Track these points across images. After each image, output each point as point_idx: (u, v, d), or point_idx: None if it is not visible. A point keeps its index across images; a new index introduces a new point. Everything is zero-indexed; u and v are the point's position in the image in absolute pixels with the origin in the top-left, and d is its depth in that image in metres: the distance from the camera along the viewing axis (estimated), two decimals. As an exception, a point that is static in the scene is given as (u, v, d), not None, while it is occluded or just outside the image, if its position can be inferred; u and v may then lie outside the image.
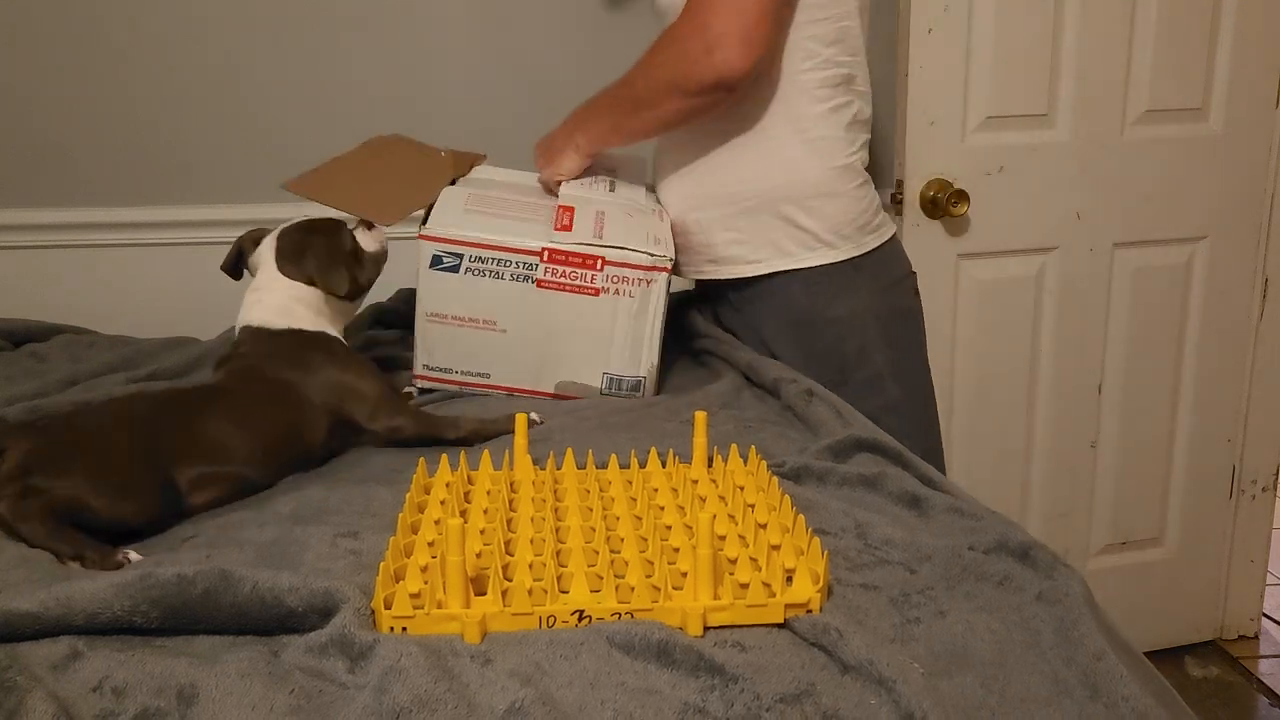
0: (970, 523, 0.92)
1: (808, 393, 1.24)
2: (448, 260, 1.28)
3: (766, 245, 1.39)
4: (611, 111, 1.39)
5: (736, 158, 1.38)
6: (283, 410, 1.10)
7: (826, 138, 1.37)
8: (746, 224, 1.39)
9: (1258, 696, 2.19)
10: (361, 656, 0.71)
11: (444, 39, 1.85)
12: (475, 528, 0.90)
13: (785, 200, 1.37)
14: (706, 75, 1.24)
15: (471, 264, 1.28)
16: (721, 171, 1.39)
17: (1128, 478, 2.18)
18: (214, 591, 0.75)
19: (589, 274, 1.29)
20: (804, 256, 1.38)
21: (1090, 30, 1.90)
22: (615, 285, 1.30)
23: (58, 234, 1.83)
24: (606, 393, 1.33)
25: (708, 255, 1.43)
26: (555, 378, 1.33)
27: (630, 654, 0.73)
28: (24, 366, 1.51)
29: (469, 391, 1.34)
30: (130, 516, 0.93)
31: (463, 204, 1.36)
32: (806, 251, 1.38)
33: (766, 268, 1.40)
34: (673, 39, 1.28)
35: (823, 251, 1.38)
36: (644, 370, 1.33)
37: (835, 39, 1.34)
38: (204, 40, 1.79)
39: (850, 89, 1.38)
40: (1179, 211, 2.06)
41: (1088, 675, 0.71)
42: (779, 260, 1.39)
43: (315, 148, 1.84)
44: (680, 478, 1.00)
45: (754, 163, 1.37)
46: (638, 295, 1.30)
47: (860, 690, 0.69)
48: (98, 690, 0.69)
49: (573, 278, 1.29)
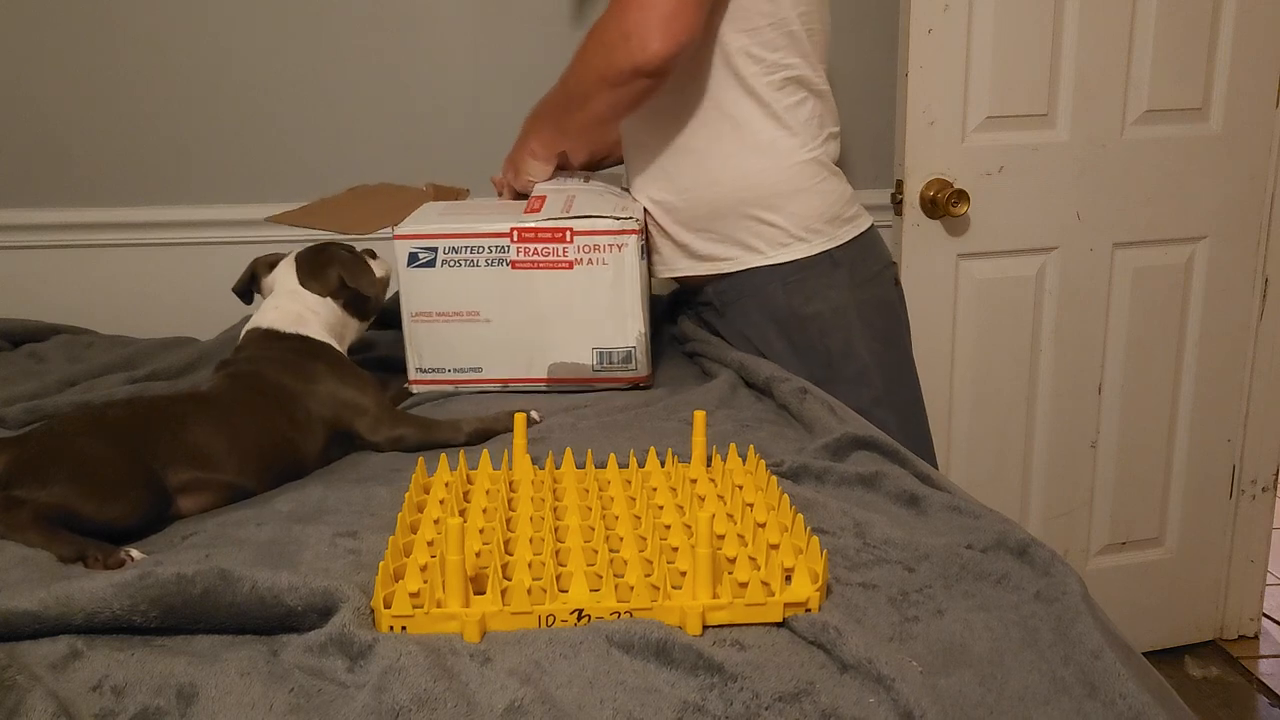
0: (968, 521, 0.92)
1: (801, 390, 1.25)
2: (423, 256, 1.30)
3: (737, 244, 1.40)
4: (553, 113, 1.40)
5: (695, 164, 1.39)
6: (279, 420, 1.09)
7: (780, 138, 1.37)
8: (716, 224, 1.40)
9: (1258, 696, 2.19)
10: (361, 656, 0.71)
11: (444, 39, 1.86)
12: (474, 527, 0.90)
13: (746, 202, 1.38)
14: (625, 63, 1.24)
15: (446, 255, 1.30)
16: (681, 177, 1.40)
17: (1128, 478, 2.18)
18: (213, 591, 0.75)
19: (560, 247, 1.30)
20: (776, 253, 1.39)
21: (1090, 30, 1.90)
22: (587, 255, 1.31)
23: (58, 234, 1.83)
24: (599, 369, 1.34)
25: (684, 253, 1.44)
26: (546, 361, 1.34)
27: (629, 653, 0.73)
28: (23, 367, 1.51)
29: (465, 389, 1.34)
30: (119, 519, 0.92)
31: (438, 211, 1.39)
32: (778, 248, 1.39)
33: (740, 264, 1.41)
34: (595, 31, 1.29)
35: (795, 246, 1.39)
36: (632, 339, 1.33)
37: (779, 45, 1.34)
38: (204, 40, 1.80)
39: (803, 87, 1.38)
40: (1179, 211, 2.05)
41: (1085, 673, 0.71)
42: (751, 257, 1.40)
43: (315, 148, 1.85)
44: (679, 477, 1.01)
45: (710, 168, 1.38)
46: (611, 262, 1.31)
47: (859, 689, 0.69)
48: (97, 689, 0.69)
49: (545, 254, 1.30)
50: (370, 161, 1.82)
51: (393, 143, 1.86)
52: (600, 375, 1.34)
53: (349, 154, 1.84)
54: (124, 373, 1.42)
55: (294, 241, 1.79)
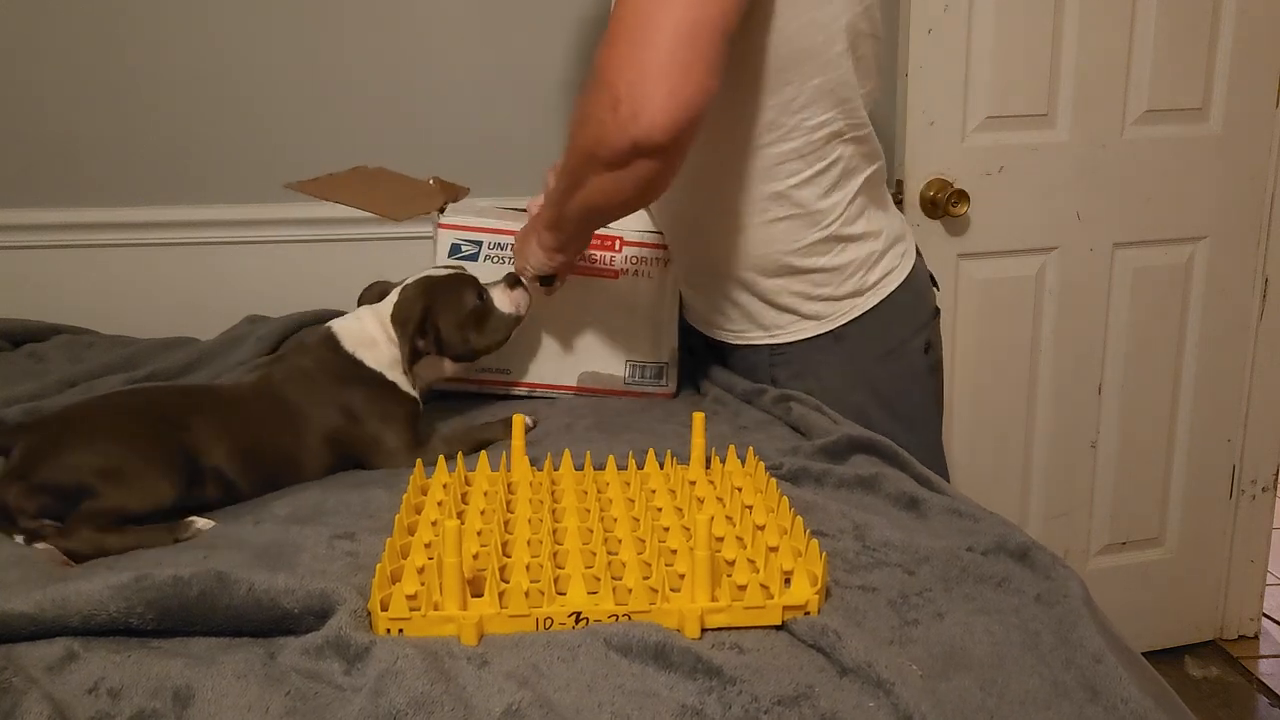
0: (968, 524, 0.92)
1: (783, 399, 1.23)
2: (466, 249, 1.28)
3: (744, 319, 1.29)
4: (552, 201, 1.16)
5: (703, 237, 1.26)
6: (284, 437, 1.07)
7: (797, 214, 1.20)
8: (722, 298, 1.29)
9: (1258, 696, 2.18)
10: (358, 658, 0.71)
11: (444, 39, 1.85)
12: (472, 529, 0.90)
13: (754, 280, 1.25)
14: (619, 139, 0.97)
15: (491, 251, 1.28)
16: (694, 249, 1.29)
17: (1128, 478, 2.18)
18: (210, 593, 0.74)
19: (608, 255, 1.29)
20: (780, 332, 1.27)
21: (1090, 30, 1.90)
22: (635, 266, 1.30)
23: (58, 234, 1.82)
24: (630, 382, 1.32)
25: (696, 315, 1.37)
26: (577, 369, 1.32)
27: (628, 656, 0.72)
28: (23, 367, 1.50)
29: (488, 390, 1.32)
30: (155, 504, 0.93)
31: (479, 207, 1.37)
32: (781, 328, 1.27)
33: (746, 340, 1.31)
34: (581, 103, 1.04)
35: (801, 325, 1.26)
36: (666, 355, 1.32)
37: (808, 102, 1.14)
38: (205, 40, 1.79)
39: (839, 141, 1.19)
40: (1179, 211, 2.05)
41: (1087, 677, 0.71)
42: (757, 334, 1.29)
43: (315, 148, 1.84)
44: (678, 479, 1.00)
45: (719, 244, 1.24)
46: (656, 276, 1.30)
47: (858, 692, 0.69)
48: (93, 692, 0.68)
49: (592, 260, 1.29)
50: (370, 161, 1.81)
51: (393, 143, 1.86)
52: (630, 389, 1.32)
53: (349, 154, 1.82)
54: (124, 373, 1.42)
55: (295, 241, 1.80)
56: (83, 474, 0.92)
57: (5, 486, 0.92)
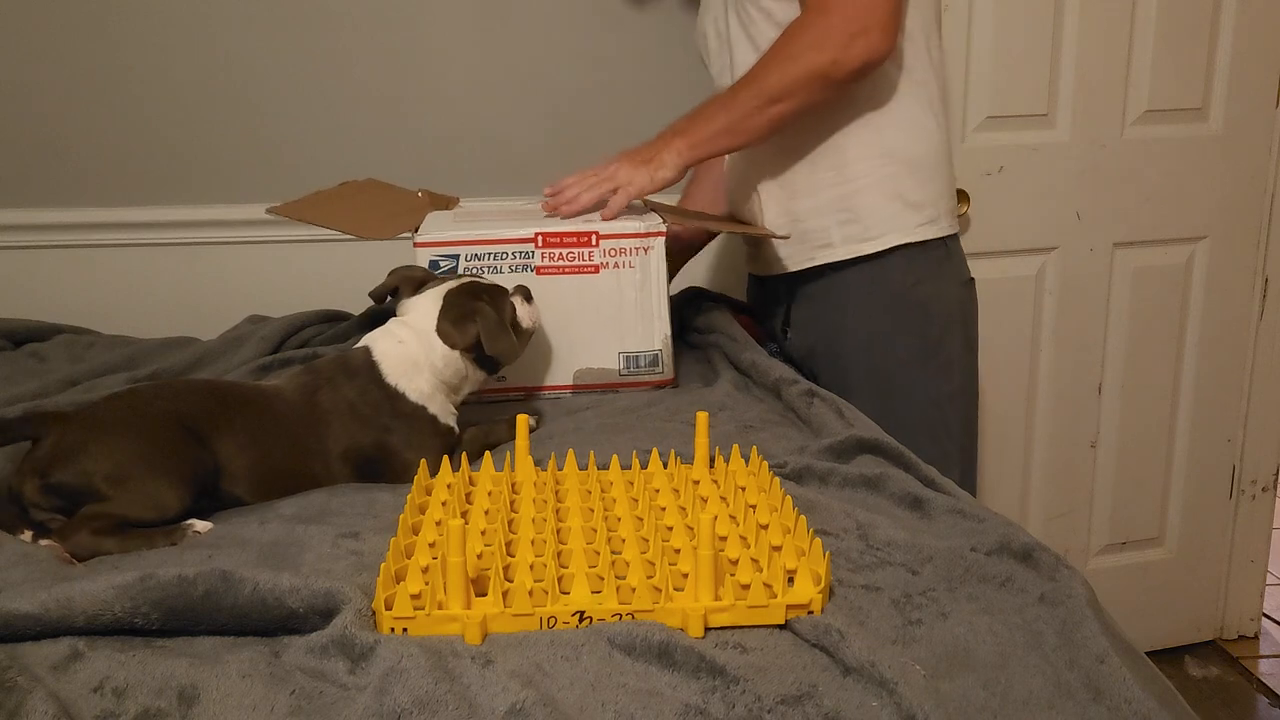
0: (972, 524, 0.91)
1: (809, 394, 1.24)
2: (444, 264, 1.29)
3: (880, 222, 1.39)
4: (728, 113, 1.33)
5: (857, 135, 1.38)
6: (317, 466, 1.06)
7: (939, 112, 1.42)
8: (859, 202, 1.39)
9: (1258, 696, 2.19)
10: (362, 657, 0.71)
11: (444, 39, 1.85)
12: (476, 529, 0.90)
13: (900, 175, 1.39)
14: (854, 61, 1.27)
15: (469, 263, 1.29)
16: (835, 154, 1.39)
17: (1128, 478, 2.18)
18: (215, 592, 0.75)
19: (586, 251, 1.29)
20: (914, 231, 1.40)
21: (1090, 30, 1.90)
22: (614, 258, 1.30)
23: (58, 234, 1.82)
24: (626, 373, 1.33)
25: (818, 241, 1.43)
26: (572, 367, 1.33)
27: (631, 655, 0.72)
28: (24, 366, 1.50)
29: (487, 399, 1.32)
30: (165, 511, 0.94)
31: (450, 218, 1.38)
32: (916, 226, 1.40)
33: (881, 244, 1.40)
34: (808, 30, 1.29)
35: (928, 227, 1.40)
36: (659, 342, 1.33)
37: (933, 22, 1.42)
38: (204, 40, 1.79)
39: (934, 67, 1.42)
40: (1179, 211, 2.05)
41: (1090, 678, 0.71)
42: (894, 235, 1.40)
43: (315, 148, 1.84)
44: (682, 478, 1.00)
45: (879, 137, 1.38)
46: (638, 265, 1.30)
47: (862, 692, 0.69)
48: (98, 691, 0.68)
49: (571, 258, 1.29)
50: (370, 162, 1.81)
51: (392, 143, 1.86)
52: (627, 379, 1.33)
53: (348, 155, 1.83)
54: (125, 372, 1.42)
55: (295, 241, 1.80)
56: (95, 479, 0.92)
57: (23, 479, 0.94)
